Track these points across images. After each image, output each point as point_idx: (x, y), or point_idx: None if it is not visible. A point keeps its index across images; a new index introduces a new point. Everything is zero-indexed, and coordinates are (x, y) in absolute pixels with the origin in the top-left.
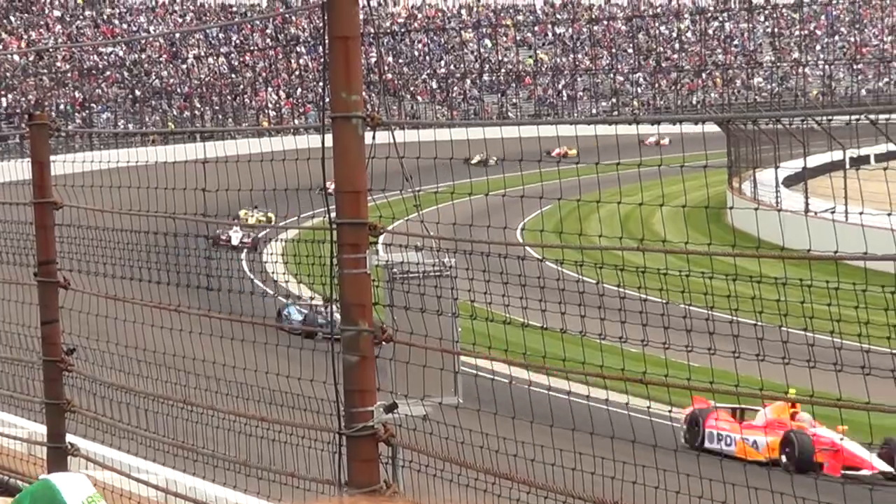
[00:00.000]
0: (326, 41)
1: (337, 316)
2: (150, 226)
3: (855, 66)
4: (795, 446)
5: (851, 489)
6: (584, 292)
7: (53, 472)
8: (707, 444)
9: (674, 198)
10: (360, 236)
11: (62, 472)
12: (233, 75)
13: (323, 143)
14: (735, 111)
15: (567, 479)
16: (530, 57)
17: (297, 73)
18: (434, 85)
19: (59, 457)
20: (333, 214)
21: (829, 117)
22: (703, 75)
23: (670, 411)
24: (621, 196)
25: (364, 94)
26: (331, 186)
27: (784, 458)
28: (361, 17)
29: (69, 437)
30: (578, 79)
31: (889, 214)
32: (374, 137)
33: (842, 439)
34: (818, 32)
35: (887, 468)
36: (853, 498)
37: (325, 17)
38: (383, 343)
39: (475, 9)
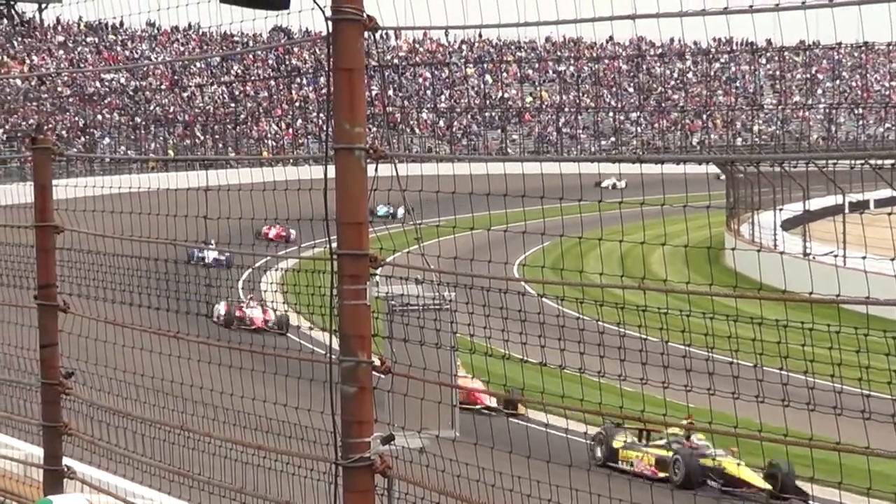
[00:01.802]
0: (329, 73)
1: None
2: (150, 252)
3: (856, 111)
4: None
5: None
6: (584, 329)
7: (49, 494)
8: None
9: (672, 238)
10: (360, 267)
11: (62, 494)
12: (233, 104)
13: (325, 173)
14: (736, 153)
15: None
16: (531, 94)
17: (297, 103)
18: (434, 119)
19: (55, 479)
20: (335, 245)
21: (833, 161)
22: (704, 116)
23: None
24: (623, 234)
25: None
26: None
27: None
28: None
29: (66, 461)
30: (579, 117)
31: (892, 260)
32: (376, 170)
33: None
34: (820, 76)
35: (767, 486)
36: None
37: (330, 49)
38: (381, 375)
39: (476, 44)
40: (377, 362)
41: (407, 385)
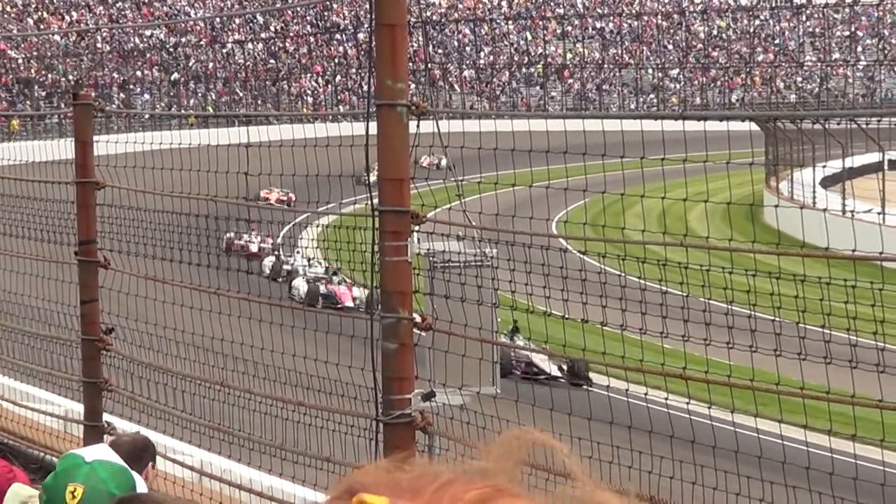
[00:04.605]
0: (371, 28)
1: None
2: (190, 208)
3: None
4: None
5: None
6: (626, 286)
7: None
8: None
9: (712, 195)
10: (402, 224)
11: (88, 447)
12: (272, 61)
13: (367, 130)
14: (776, 111)
15: (603, 473)
16: (570, 51)
17: (336, 60)
18: (474, 75)
19: (95, 435)
20: (376, 201)
21: (876, 118)
22: (744, 74)
23: (709, 408)
24: (665, 191)
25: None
26: (374, 174)
27: None
28: None
29: (106, 416)
30: (618, 73)
31: None
32: (418, 126)
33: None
34: (860, 34)
35: (558, 374)
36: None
37: (372, 4)
38: (422, 332)
39: (516, 1)
40: (418, 319)
41: (448, 342)
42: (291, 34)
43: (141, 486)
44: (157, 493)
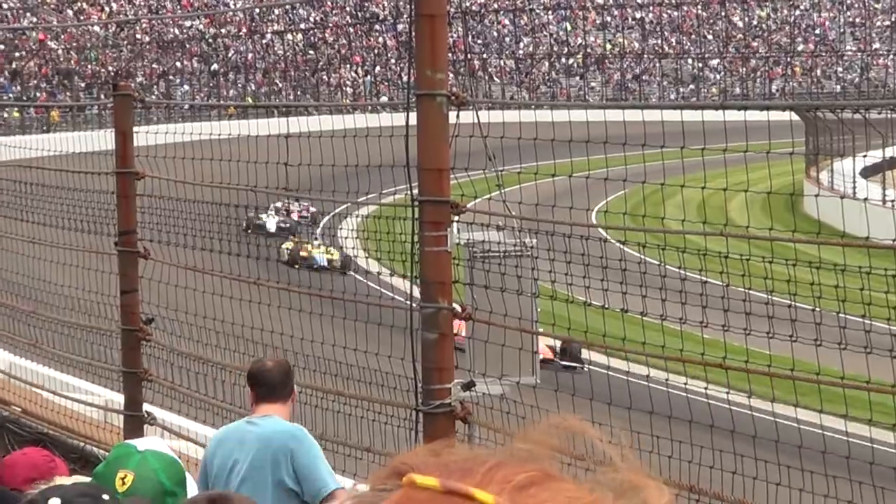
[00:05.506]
0: (412, 19)
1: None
2: (230, 198)
3: None
4: None
5: None
6: (666, 276)
7: (129, 439)
8: None
9: (752, 185)
10: (442, 214)
11: (141, 438)
12: (312, 52)
13: (407, 120)
14: (817, 100)
15: (643, 461)
16: (610, 41)
17: (376, 51)
18: (513, 66)
19: (135, 425)
20: (416, 191)
21: None
22: (783, 64)
23: (749, 397)
24: (705, 181)
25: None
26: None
27: None
28: None
29: (146, 406)
30: (657, 63)
31: None
32: (458, 116)
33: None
34: None
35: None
36: None
37: None
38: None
39: None
40: (458, 309)
41: (488, 332)
42: (331, 25)
43: (190, 480)
44: (246, 497)
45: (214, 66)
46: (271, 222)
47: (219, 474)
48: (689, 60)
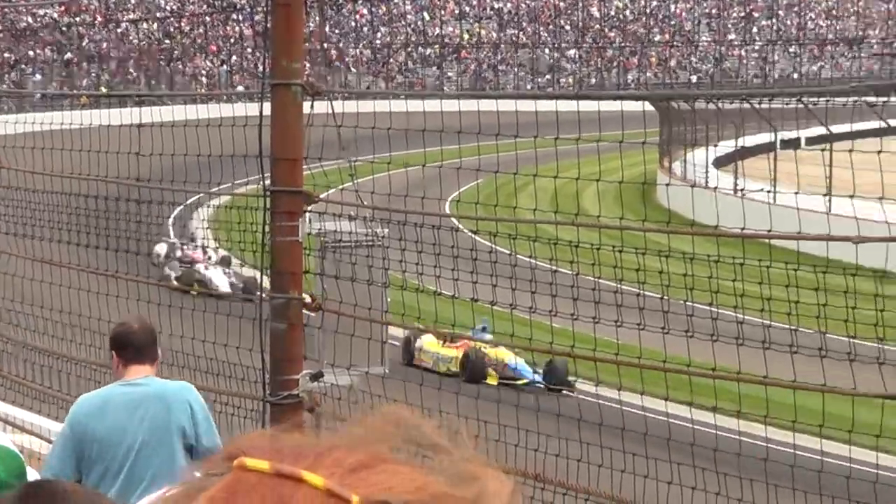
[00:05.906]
0: (268, 8)
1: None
2: (82, 189)
3: (789, 50)
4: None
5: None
6: (517, 265)
7: None
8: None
9: (606, 176)
10: (295, 204)
11: None
12: (167, 41)
13: (261, 110)
14: (671, 91)
15: (490, 451)
16: (468, 31)
17: (232, 40)
18: (370, 56)
19: None
20: (269, 182)
21: (767, 98)
22: (639, 55)
23: (596, 386)
24: (558, 171)
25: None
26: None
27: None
28: None
29: None
30: (514, 53)
31: (824, 196)
32: (311, 106)
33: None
34: (756, 14)
35: (538, 380)
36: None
37: None
38: (312, 312)
39: None
40: (308, 299)
41: (337, 322)
42: (187, 14)
43: (31, 473)
44: (65, 483)
45: (68, 56)
46: (219, 279)
47: (109, 440)
48: (546, 51)
